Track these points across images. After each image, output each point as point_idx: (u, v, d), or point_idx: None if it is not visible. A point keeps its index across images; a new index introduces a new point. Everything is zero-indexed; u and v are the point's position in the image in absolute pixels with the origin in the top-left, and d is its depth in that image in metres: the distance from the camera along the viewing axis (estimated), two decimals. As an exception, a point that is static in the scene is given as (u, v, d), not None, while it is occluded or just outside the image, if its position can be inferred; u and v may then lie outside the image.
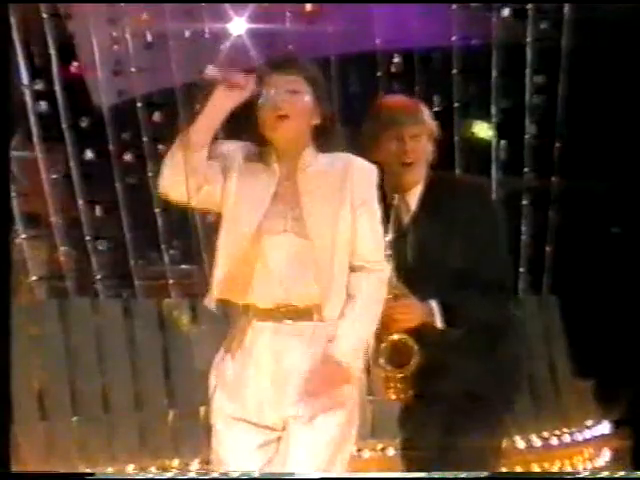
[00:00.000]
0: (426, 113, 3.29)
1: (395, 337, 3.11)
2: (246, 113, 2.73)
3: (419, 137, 3.22)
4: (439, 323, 3.11)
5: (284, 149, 2.76)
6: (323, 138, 2.78)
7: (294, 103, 2.72)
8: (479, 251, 3.18)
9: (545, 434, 5.51)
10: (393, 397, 3.14)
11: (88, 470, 4.46)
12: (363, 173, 2.78)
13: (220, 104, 2.69)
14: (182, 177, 2.68)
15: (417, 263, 3.16)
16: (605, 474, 4.98)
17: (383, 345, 3.11)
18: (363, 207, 2.75)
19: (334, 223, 2.71)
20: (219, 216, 2.76)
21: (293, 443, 2.67)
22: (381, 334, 3.12)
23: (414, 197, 3.24)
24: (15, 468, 3.36)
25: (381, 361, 3.11)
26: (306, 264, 2.68)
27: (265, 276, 2.69)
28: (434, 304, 3.11)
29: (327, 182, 2.74)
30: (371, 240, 2.77)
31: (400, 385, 3.13)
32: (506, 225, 3.39)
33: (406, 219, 3.24)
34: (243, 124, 2.77)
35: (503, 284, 3.27)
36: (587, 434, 5.62)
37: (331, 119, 2.80)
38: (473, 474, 3.05)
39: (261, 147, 2.78)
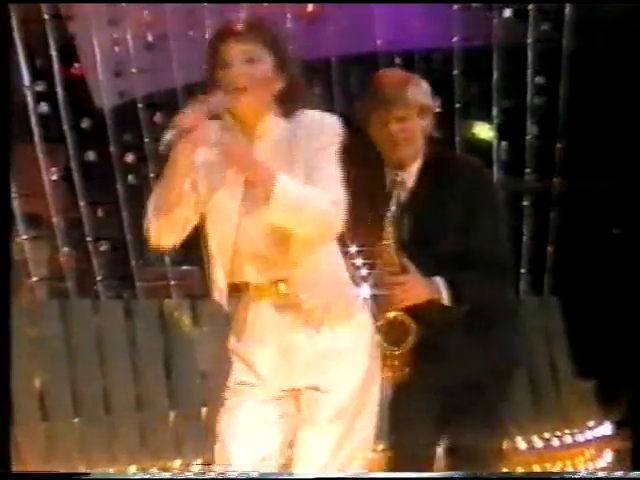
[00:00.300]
0: (416, 89, 3.22)
1: (392, 315, 3.11)
2: (209, 87, 2.62)
3: (406, 119, 3.19)
4: (446, 300, 3.09)
5: (246, 121, 2.65)
6: (289, 103, 2.65)
7: (252, 74, 2.59)
8: (478, 230, 3.17)
9: (546, 435, 5.50)
10: (388, 374, 3.13)
11: (89, 471, 4.45)
12: (315, 128, 2.62)
13: (185, 158, 2.55)
14: (167, 231, 2.62)
15: (416, 240, 3.15)
16: (604, 474, 4.98)
17: (380, 323, 3.11)
18: (315, 159, 2.59)
19: None
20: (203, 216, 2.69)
21: (309, 414, 2.65)
22: (383, 310, 3.11)
23: (412, 173, 3.23)
24: (16, 469, 3.36)
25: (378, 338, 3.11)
26: (274, 238, 2.60)
27: (249, 255, 2.64)
28: (440, 281, 3.10)
29: (280, 148, 2.62)
30: (324, 186, 2.58)
31: (396, 363, 3.13)
32: (505, 206, 3.40)
33: (404, 195, 3.23)
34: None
35: (503, 264, 3.25)
36: (589, 435, 5.61)
37: (296, 82, 2.66)
38: (471, 474, 3.04)
39: (225, 121, 2.64)
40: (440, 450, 3.28)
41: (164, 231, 2.62)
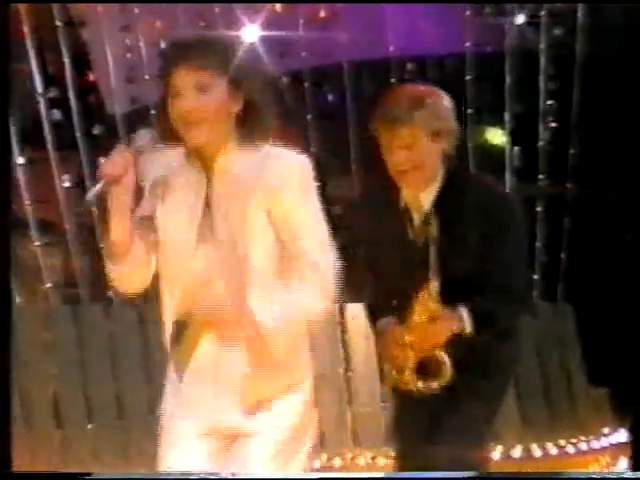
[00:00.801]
0: (429, 112, 2.99)
1: (426, 353, 3.05)
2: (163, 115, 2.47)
3: (413, 145, 3.00)
4: (468, 328, 3.01)
5: (202, 152, 2.48)
6: (247, 126, 2.46)
7: (204, 105, 2.41)
8: (498, 257, 3.03)
9: (561, 442, 5.47)
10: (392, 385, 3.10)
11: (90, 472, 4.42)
12: (280, 169, 2.46)
13: (119, 205, 2.43)
14: (128, 277, 2.52)
15: (437, 265, 3.02)
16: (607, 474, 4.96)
17: (413, 362, 3.06)
18: (295, 212, 2.45)
19: (245, 227, 2.45)
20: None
21: (238, 456, 2.52)
22: (415, 351, 3.07)
23: (429, 196, 3.08)
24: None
25: (408, 374, 3.07)
26: (222, 274, 2.47)
27: (194, 288, 2.50)
28: (464, 311, 3.01)
29: (240, 185, 2.45)
30: (303, 232, 2.47)
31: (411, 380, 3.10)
32: (524, 231, 3.27)
33: (419, 220, 3.10)
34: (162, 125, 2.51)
35: (522, 294, 3.19)
36: (604, 442, 5.57)
37: (255, 102, 2.46)
38: (470, 474, 3.01)
39: (180, 151, 2.50)
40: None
41: (126, 277, 2.52)
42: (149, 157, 2.51)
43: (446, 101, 3.07)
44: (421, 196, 3.09)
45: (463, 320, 3.01)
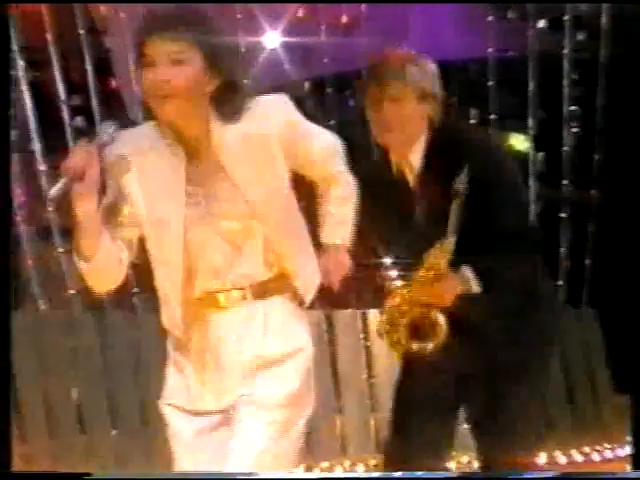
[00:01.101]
0: (417, 70, 3.00)
1: (422, 311, 3.00)
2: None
3: (401, 100, 2.98)
4: (475, 288, 2.93)
5: (177, 128, 2.40)
6: (224, 106, 2.40)
7: (177, 78, 2.33)
8: (494, 209, 2.96)
9: (586, 449, 5.44)
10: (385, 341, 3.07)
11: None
12: (271, 111, 2.45)
13: (84, 202, 2.34)
14: (98, 276, 2.46)
15: (434, 227, 2.95)
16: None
17: (407, 319, 3.02)
18: (292, 137, 2.48)
19: (268, 186, 2.44)
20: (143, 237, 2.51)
21: (239, 422, 2.46)
22: (413, 308, 3.02)
23: (416, 155, 3.04)
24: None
25: (401, 331, 3.03)
26: (240, 241, 2.45)
27: (205, 266, 2.46)
28: (467, 271, 2.93)
29: (245, 151, 2.42)
30: (317, 154, 2.62)
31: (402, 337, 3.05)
32: (518, 173, 3.15)
33: (411, 179, 3.07)
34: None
35: (526, 238, 3.07)
36: (629, 450, 5.53)
37: (230, 83, 2.41)
38: (469, 473, 3.00)
39: (160, 126, 2.42)
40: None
41: (97, 275, 2.46)
42: (113, 143, 2.42)
43: (434, 66, 3.09)
44: (410, 156, 3.06)
45: (469, 281, 2.94)
